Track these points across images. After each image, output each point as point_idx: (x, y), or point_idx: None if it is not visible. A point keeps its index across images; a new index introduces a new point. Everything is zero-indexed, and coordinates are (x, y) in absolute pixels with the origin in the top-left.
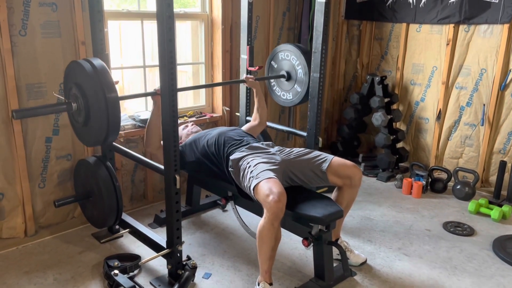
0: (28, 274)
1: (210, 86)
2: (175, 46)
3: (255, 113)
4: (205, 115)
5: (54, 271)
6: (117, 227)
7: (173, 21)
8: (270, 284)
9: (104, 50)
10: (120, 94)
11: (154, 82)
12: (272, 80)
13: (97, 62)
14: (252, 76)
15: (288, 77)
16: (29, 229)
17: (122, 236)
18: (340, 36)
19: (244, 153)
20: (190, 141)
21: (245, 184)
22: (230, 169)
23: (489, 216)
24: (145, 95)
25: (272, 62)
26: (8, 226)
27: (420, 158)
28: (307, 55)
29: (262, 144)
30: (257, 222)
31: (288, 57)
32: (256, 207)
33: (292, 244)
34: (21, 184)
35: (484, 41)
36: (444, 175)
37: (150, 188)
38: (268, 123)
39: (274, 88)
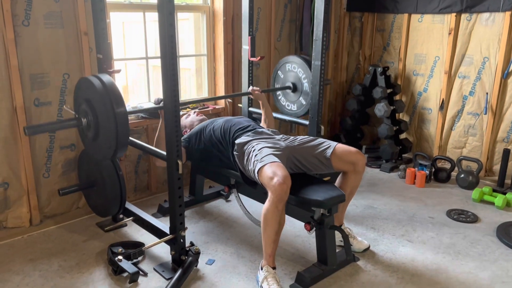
0: (33, 262)
1: (213, 99)
2: (175, 40)
3: (262, 123)
4: (207, 107)
5: (59, 258)
6: (121, 216)
7: (173, 11)
8: (273, 268)
9: (106, 39)
10: (124, 92)
11: (157, 80)
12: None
13: (106, 78)
14: (258, 88)
15: (294, 88)
16: (34, 219)
17: (126, 225)
18: (342, 28)
19: (249, 138)
20: (197, 130)
21: (250, 168)
22: (235, 153)
23: (493, 204)
24: (153, 109)
25: (279, 72)
26: (13, 216)
27: (424, 148)
28: None
29: (268, 130)
30: (260, 210)
31: (295, 69)
32: (259, 195)
33: (295, 232)
34: (26, 174)
35: (486, 29)
36: (447, 165)
37: (153, 179)
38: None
39: (279, 98)
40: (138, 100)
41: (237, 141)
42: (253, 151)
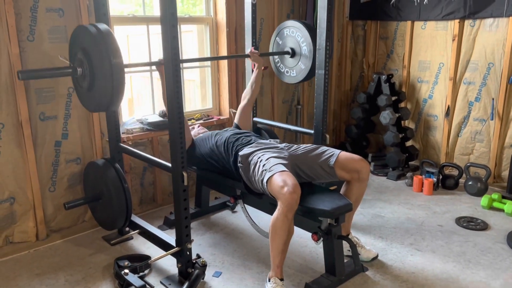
0: (40, 276)
1: (214, 59)
2: (178, 52)
3: (247, 89)
4: (212, 118)
5: (65, 272)
6: (127, 229)
7: (176, 24)
8: (281, 279)
9: None
10: (129, 104)
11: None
12: (276, 57)
13: (103, 26)
14: (257, 52)
15: (293, 53)
16: (41, 233)
17: (132, 238)
18: (345, 37)
19: (253, 149)
20: (201, 138)
21: (257, 178)
22: (239, 164)
23: (502, 210)
24: (150, 64)
25: (277, 38)
26: (19, 230)
27: (430, 155)
28: (312, 32)
29: (270, 140)
30: (266, 221)
31: (294, 33)
32: (265, 205)
33: (302, 242)
34: (31, 188)
35: (490, 35)
36: (455, 172)
37: (159, 191)
38: (276, 123)
39: (278, 65)
40: (143, 113)
41: (240, 153)
42: (260, 161)
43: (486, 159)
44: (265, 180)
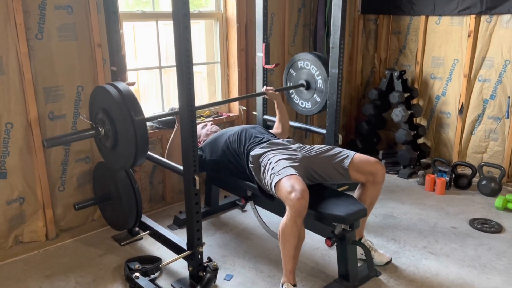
0: (50, 278)
1: (227, 102)
2: (191, 54)
3: (277, 123)
4: (221, 115)
5: (76, 274)
6: (136, 229)
7: (189, 25)
8: (294, 285)
9: (120, 51)
10: (136, 96)
11: (169, 83)
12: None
13: (122, 85)
14: (271, 88)
15: (308, 86)
16: (50, 233)
17: (142, 238)
18: (356, 31)
19: (265, 149)
20: (211, 140)
21: (266, 181)
22: (250, 165)
23: None
24: (169, 114)
25: (290, 70)
26: (29, 230)
27: (442, 154)
28: (327, 65)
29: (283, 140)
30: (277, 222)
31: (308, 66)
32: (276, 207)
33: (314, 244)
34: (41, 188)
35: (507, 31)
36: (468, 171)
37: (168, 189)
38: None
39: (292, 96)
40: (151, 109)
41: (252, 153)
42: (270, 163)
43: (500, 158)
44: (273, 184)
